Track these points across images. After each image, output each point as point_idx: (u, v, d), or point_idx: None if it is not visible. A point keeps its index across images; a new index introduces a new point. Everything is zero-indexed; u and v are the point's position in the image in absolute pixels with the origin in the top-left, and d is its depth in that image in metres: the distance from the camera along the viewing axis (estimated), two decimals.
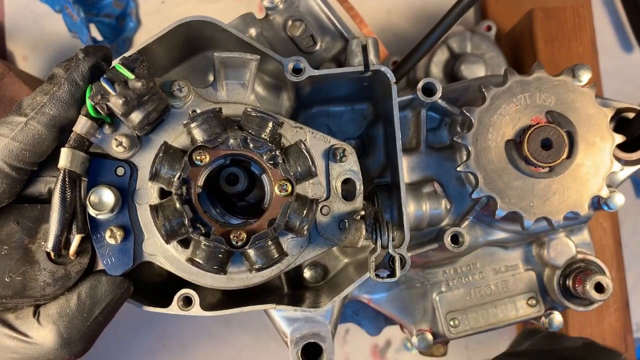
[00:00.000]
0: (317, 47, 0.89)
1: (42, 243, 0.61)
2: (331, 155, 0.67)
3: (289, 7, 0.87)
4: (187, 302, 0.69)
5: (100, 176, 0.63)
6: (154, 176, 0.59)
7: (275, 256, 0.60)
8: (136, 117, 0.58)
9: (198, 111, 0.64)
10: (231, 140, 0.58)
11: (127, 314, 0.69)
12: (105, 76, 0.57)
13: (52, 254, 0.61)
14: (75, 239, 0.61)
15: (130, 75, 0.57)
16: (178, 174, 0.58)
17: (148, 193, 0.64)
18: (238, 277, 0.66)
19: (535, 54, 1.27)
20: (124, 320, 1.37)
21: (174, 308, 0.69)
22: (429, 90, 0.81)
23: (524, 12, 1.32)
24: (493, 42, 1.33)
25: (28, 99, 0.58)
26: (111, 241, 0.62)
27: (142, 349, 1.41)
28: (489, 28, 1.36)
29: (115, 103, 0.57)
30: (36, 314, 0.60)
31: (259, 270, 0.61)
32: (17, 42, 1.46)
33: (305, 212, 0.59)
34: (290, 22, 0.88)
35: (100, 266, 0.64)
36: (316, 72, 0.70)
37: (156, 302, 0.70)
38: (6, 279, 0.59)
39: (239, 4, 1.46)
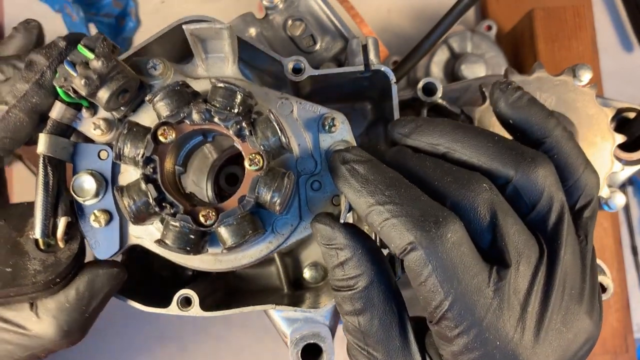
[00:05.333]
0: (317, 46, 0.88)
1: (30, 232, 0.61)
2: (320, 125, 0.64)
3: (288, 7, 0.87)
4: (187, 302, 0.68)
5: (84, 160, 0.62)
6: (119, 156, 0.57)
7: (249, 232, 0.57)
8: (102, 96, 0.57)
9: None
10: (194, 114, 0.56)
11: (127, 314, 0.69)
12: (68, 59, 0.57)
13: (41, 242, 0.61)
14: (61, 222, 0.61)
15: (90, 56, 0.56)
16: (141, 152, 0.56)
17: (131, 175, 0.63)
18: (226, 259, 0.63)
19: (535, 53, 1.27)
20: (124, 320, 1.37)
21: (174, 308, 0.68)
22: (429, 90, 0.80)
23: (524, 11, 1.32)
24: (493, 41, 1.33)
25: (6, 86, 0.58)
26: (95, 225, 0.62)
27: (142, 349, 1.41)
28: (489, 28, 1.36)
29: (78, 84, 0.56)
30: (33, 307, 0.60)
31: (230, 249, 0.57)
32: None
33: (276, 185, 0.56)
34: (290, 22, 0.87)
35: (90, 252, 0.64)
36: (316, 72, 0.70)
37: (156, 303, 0.69)
38: None
39: (239, 4, 1.46)
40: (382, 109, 0.82)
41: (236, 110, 0.56)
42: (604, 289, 0.85)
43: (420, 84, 0.80)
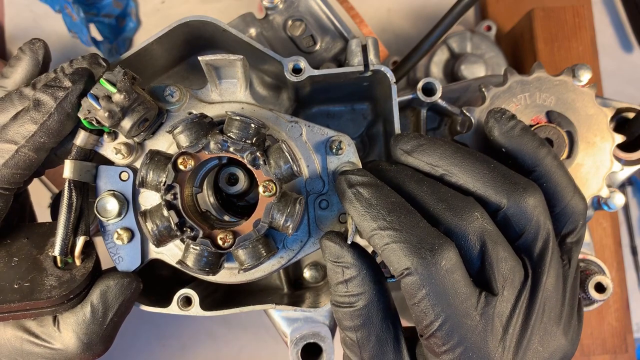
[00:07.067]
0: (317, 47, 0.89)
1: (50, 250, 0.64)
2: (328, 147, 0.67)
3: (289, 7, 0.87)
4: (187, 302, 0.69)
5: (107, 182, 0.66)
6: (142, 183, 0.60)
7: (264, 254, 0.61)
8: (125, 126, 0.61)
9: (194, 112, 0.65)
10: (212, 145, 0.59)
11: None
12: (91, 92, 0.60)
13: (58, 260, 0.64)
14: (80, 241, 0.64)
15: (113, 89, 0.60)
16: (163, 180, 0.59)
17: (150, 195, 0.65)
18: (240, 273, 0.65)
19: (535, 53, 1.27)
20: (124, 320, 1.37)
21: (174, 308, 0.69)
22: (429, 90, 0.81)
23: (524, 12, 1.32)
24: (493, 42, 1.33)
25: (15, 126, 0.60)
26: (118, 242, 0.65)
27: (142, 349, 1.41)
28: (489, 28, 1.37)
29: (102, 117, 0.60)
30: (55, 322, 0.63)
31: (246, 270, 0.61)
32: (17, 42, 1.46)
33: (288, 210, 0.59)
34: (290, 22, 0.88)
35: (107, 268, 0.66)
36: (316, 72, 0.70)
37: (156, 302, 0.70)
38: (15, 286, 0.62)
39: (239, 4, 1.46)
40: (381, 109, 0.83)
41: (250, 141, 0.59)
42: (603, 288, 0.85)
43: (420, 84, 0.80)
